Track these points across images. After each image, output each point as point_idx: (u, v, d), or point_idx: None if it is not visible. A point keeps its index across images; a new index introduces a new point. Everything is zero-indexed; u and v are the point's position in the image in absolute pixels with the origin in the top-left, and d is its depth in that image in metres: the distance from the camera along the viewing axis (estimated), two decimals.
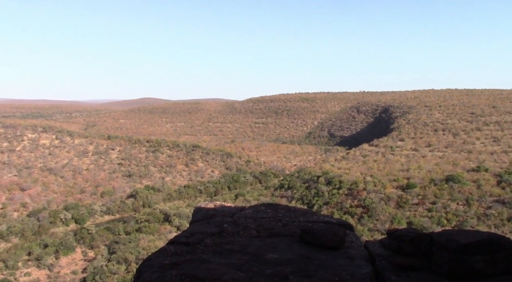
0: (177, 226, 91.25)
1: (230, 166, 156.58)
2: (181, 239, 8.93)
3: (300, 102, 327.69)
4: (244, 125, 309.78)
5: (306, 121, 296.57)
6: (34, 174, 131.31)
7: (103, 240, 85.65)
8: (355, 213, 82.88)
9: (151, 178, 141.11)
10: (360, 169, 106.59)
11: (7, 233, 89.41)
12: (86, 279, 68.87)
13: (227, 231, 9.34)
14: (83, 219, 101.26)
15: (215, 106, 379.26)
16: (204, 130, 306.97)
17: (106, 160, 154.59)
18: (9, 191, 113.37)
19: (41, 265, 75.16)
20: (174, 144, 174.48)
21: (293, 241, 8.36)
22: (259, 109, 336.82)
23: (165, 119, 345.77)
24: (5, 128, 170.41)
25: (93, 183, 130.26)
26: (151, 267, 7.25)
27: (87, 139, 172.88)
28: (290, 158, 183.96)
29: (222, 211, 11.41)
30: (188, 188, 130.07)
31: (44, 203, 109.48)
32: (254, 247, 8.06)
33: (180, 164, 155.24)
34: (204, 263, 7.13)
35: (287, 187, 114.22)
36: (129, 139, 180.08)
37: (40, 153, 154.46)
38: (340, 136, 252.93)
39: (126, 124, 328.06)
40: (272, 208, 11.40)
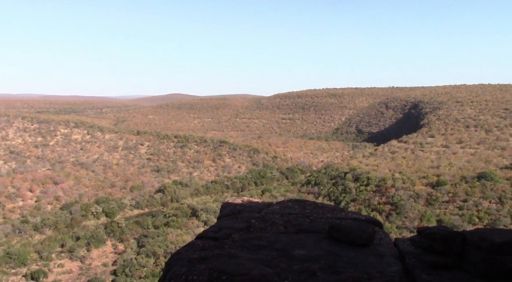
0: (204, 221, 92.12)
1: (257, 161, 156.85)
2: (209, 233, 9.00)
3: (328, 98, 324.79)
4: (271, 121, 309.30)
5: (333, 117, 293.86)
6: (66, 168, 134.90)
7: (133, 233, 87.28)
8: (383, 210, 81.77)
9: (179, 173, 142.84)
10: (389, 165, 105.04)
11: (42, 225, 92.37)
12: (116, 272, 70.39)
13: (255, 227, 9.36)
14: (113, 213, 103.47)
15: (242, 102, 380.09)
16: (231, 126, 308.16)
17: (136, 155, 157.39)
18: (43, 184, 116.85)
19: (73, 257, 77.24)
20: (202, 140, 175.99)
21: (321, 238, 8.31)
22: (286, 105, 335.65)
23: (192, 115, 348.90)
24: (40, 123, 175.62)
25: (123, 177, 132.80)
26: (180, 260, 7.34)
27: (117, 135, 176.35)
28: (317, 154, 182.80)
29: (250, 207, 11.44)
30: (215, 183, 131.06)
31: (76, 197, 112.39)
32: (281, 243, 8.06)
33: (207, 159, 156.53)
34: (232, 258, 7.17)
35: (314, 183, 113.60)
36: (157, 134, 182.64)
37: (72, 147, 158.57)
38: (368, 133, 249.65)
39: (154, 120, 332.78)
40: (300, 204, 11.36)
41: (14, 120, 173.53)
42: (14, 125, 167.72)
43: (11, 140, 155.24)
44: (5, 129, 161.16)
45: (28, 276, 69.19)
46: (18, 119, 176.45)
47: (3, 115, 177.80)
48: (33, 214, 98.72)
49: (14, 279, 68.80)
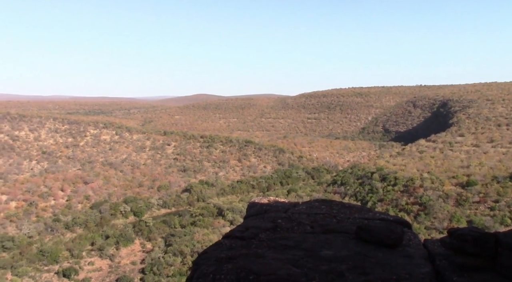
0: (230, 220, 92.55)
1: (282, 161, 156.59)
2: (236, 233, 9.04)
3: (354, 97, 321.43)
4: (296, 121, 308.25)
5: (359, 117, 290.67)
6: (96, 168, 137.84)
7: (160, 232, 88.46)
8: (411, 210, 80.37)
9: (205, 172, 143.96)
10: (417, 165, 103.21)
11: (72, 224, 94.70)
12: (144, 270, 71.51)
13: (281, 227, 9.35)
14: (141, 212, 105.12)
15: (268, 102, 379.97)
16: (256, 126, 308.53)
17: (162, 155, 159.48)
18: (73, 184, 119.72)
19: (103, 255, 78.88)
20: (227, 139, 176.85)
21: (349, 238, 8.24)
22: (311, 105, 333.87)
23: (218, 115, 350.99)
24: (70, 124, 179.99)
25: (150, 177, 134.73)
26: (208, 260, 7.39)
27: (145, 135, 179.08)
28: (343, 154, 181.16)
29: (276, 206, 11.43)
30: (241, 183, 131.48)
31: (105, 196, 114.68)
32: (308, 243, 8.03)
33: (233, 159, 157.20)
34: (259, 257, 7.19)
35: (340, 183, 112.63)
36: (184, 135, 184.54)
37: (102, 148, 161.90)
38: (395, 132, 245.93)
39: (181, 120, 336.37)
40: (326, 204, 11.28)
41: (46, 121, 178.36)
42: (46, 126, 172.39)
43: (43, 141, 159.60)
44: (37, 130, 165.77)
45: (60, 273, 71.05)
46: (50, 120, 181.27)
47: (36, 116, 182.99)
48: (65, 213, 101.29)
49: (47, 276, 70.78)
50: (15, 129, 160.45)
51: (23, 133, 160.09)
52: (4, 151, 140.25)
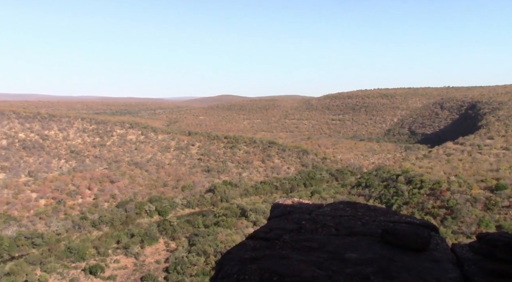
0: (253, 221, 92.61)
1: (306, 162, 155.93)
2: (260, 234, 9.04)
3: (379, 99, 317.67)
4: (320, 122, 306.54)
5: (385, 118, 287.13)
6: (122, 167, 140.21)
7: (184, 232, 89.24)
8: (438, 214, 78.77)
9: (228, 173, 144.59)
10: (444, 168, 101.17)
11: (99, 222, 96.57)
12: (168, 269, 72.25)
13: (306, 228, 9.31)
14: (166, 211, 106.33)
15: (292, 103, 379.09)
16: (280, 127, 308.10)
17: (187, 155, 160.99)
18: (100, 182, 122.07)
19: (128, 253, 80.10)
20: (251, 140, 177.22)
21: (374, 241, 8.14)
22: (336, 106, 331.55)
23: (242, 116, 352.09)
24: (97, 124, 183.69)
25: (175, 177, 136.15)
26: (232, 260, 7.42)
27: (170, 135, 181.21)
28: (368, 156, 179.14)
29: (300, 208, 11.39)
30: (264, 184, 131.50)
31: (130, 195, 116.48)
32: (333, 245, 7.97)
33: (256, 160, 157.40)
34: (283, 259, 7.18)
35: (365, 185, 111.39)
36: (208, 135, 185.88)
37: (128, 147, 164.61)
38: (422, 134, 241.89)
39: (205, 121, 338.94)
40: (351, 206, 11.18)
41: (74, 121, 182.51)
42: (74, 126, 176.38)
43: (72, 140, 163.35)
44: (66, 130, 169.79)
45: (86, 271, 72.49)
46: (78, 120, 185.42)
47: (65, 116, 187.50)
48: (91, 211, 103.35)
49: (74, 272, 72.33)
50: (45, 129, 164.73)
51: (53, 133, 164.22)
52: (34, 150, 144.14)
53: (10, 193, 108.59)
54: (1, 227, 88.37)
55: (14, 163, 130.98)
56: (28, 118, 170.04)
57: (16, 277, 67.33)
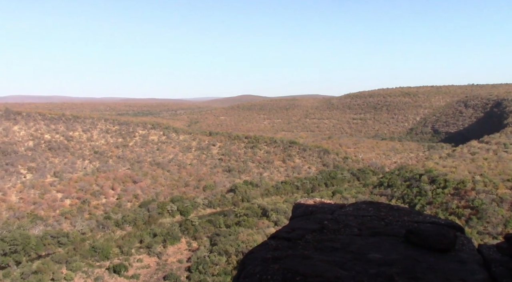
0: (274, 221, 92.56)
1: (327, 162, 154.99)
2: (282, 234, 9.03)
3: (401, 97, 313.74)
4: (341, 121, 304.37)
5: (407, 117, 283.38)
6: (144, 168, 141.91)
7: (205, 231, 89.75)
8: (462, 214, 77.29)
9: (249, 173, 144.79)
10: (468, 167, 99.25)
11: (122, 222, 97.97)
12: (190, 268, 72.79)
13: (328, 228, 9.26)
14: (187, 211, 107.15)
15: (312, 103, 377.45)
16: (301, 126, 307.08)
17: (208, 155, 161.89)
18: (123, 183, 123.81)
19: (151, 253, 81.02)
20: (272, 140, 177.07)
21: (398, 241, 8.04)
22: (357, 105, 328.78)
23: (263, 115, 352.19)
24: (120, 125, 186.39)
25: (196, 177, 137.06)
26: (254, 260, 7.42)
27: (191, 136, 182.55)
28: (390, 155, 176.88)
29: (322, 208, 11.33)
30: (285, 183, 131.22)
31: (153, 195, 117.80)
32: (356, 245, 7.90)
33: (277, 160, 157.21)
34: (306, 259, 7.15)
35: (387, 185, 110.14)
36: (229, 135, 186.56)
37: (149, 148, 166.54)
38: (445, 133, 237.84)
39: (226, 121, 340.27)
40: (374, 206, 11.06)
41: (98, 122, 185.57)
42: (98, 127, 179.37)
43: (95, 141, 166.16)
44: (90, 131, 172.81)
45: (110, 269, 73.62)
46: (101, 121, 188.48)
47: (88, 117, 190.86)
48: (115, 211, 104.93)
49: (99, 271, 73.56)
50: (69, 130, 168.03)
51: (77, 134, 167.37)
52: (59, 151, 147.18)
53: (37, 193, 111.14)
54: (29, 226, 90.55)
55: (40, 163, 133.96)
56: (53, 119, 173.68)
57: (43, 275, 68.89)
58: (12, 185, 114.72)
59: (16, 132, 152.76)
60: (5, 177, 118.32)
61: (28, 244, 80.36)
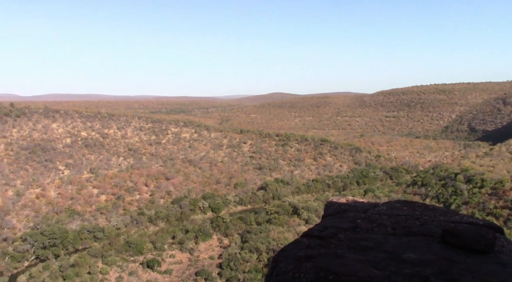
0: (305, 219, 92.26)
1: (359, 160, 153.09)
2: (314, 232, 8.99)
3: (436, 94, 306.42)
4: (373, 119, 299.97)
5: (442, 115, 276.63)
6: (176, 165, 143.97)
7: (237, 229, 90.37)
8: (500, 214, 74.89)
9: (280, 171, 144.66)
10: (507, 166, 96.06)
11: (155, 218, 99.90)
12: (222, 265, 73.50)
13: (361, 227, 9.16)
14: (219, 208, 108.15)
15: (344, 100, 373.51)
16: (332, 124, 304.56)
17: (239, 152, 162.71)
18: (156, 179, 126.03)
19: (183, 249, 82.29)
20: (303, 138, 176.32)
21: (433, 242, 7.87)
22: (390, 103, 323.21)
23: (293, 113, 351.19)
24: (153, 123, 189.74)
25: (227, 174, 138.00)
26: (286, 258, 7.42)
27: (222, 133, 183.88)
28: (424, 153, 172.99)
29: (355, 206, 11.21)
30: (316, 182, 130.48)
31: (185, 192, 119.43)
32: (390, 245, 7.78)
33: (308, 158, 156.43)
34: (339, 257, 7.10)
35: (421, 184, 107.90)
36: (259, 133, 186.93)
37: (182, 145, 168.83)
38: (482, 131, 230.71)
39: (257, 119, 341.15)
40: (409, 206, 10.86)
41: (132, 120, 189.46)
42: (132, 125, 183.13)
43: (129, 138, 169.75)
44: (124, 128, 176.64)
45: (144, 264, 75.28)
46: (135, 119, 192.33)
47: (123, 115, 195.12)
48: (148, 207, 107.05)
49: (133, 266, 75.32)
50: (104, 128, 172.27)
51: (112, 131, 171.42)
52: (95, 148, 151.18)
53: (74, 189, 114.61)
54: (66, 221, 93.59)
55: (77, 160, 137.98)
56: (90, 117, 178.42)
57: (80, 268, 71.12)
58: (51, 181, 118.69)
59: (55, 130, 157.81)
60: (45, 173, 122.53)
61: (66, 238, 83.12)
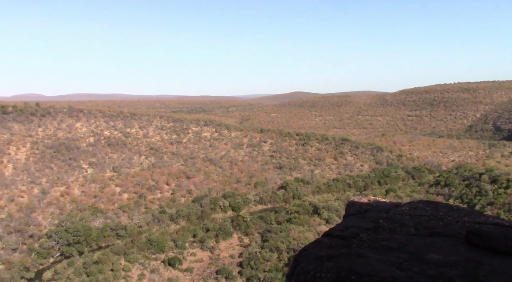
0: (326, 219, 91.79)
1: (380, 160, 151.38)
2: (336, 232, 8.96)
3: (460, 93, 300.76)
4: (395, 118, 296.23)
5: (466, 114, 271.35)
6: (197, 164, 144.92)
7: (257, 228, 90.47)
8: None
9: (300, 170, 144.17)
10: None
11: (176, 216, 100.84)
12: (242, 264, 73.74)
13: (383, 227, 9.09)
14: (239, 207, 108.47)
15: (365, 99, 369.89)
16: (353, 123, 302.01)
17: (259, 152, 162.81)
18: (177, 178, 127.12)
19: (204, 247, 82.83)
20: (323, 137, 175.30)
21: (457, 242, 7.76)
22: (412, 101, 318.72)
23: (314, 112, 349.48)
24: (174, 122, 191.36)
25: (248, 173, 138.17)
26: (308, 257, 7.42)
27: (242, 133, 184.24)
28: (448, 153, 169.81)
29: (377, 206, 11.13)
30: (336, 181, 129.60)
31: (205, 191, 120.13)
32: (413, 245, 7.71)
33: (329, 157, 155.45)
34: (361, 258, 7.07)
35: (444, 184, 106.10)
36: (280, 132, 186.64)
37: (202, 144, 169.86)
38: (508, 130, 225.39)
39: (277, 118, 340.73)
40: (432, 206, 10.72)
41: (153, 119, 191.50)
42: (153, 124, 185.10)
43: (151, 137, 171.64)
44: (146, 128, 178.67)
45: (165, 262, 76.09)
46: (157, 118, 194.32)
47: (145, 115, 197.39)
48: (169, 206, 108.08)
49: (154, 264, 76.22)
50: (127, 127, 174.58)
51: (134, 131, 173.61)
52: (118, 147, 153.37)
53: (97, 187, 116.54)
54: (90, 219, 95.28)
55: (100, 158, 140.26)
56: (112, 117, 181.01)
57: (103, 265, 72.34)
58: (75, 179, 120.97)
59: (78, 129, 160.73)
60: (69, 171, 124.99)
61: (90, 235, 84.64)
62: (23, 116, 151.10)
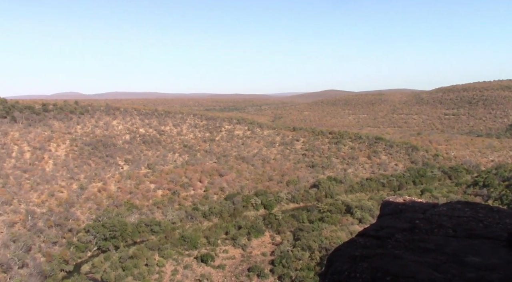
0: (359, 218, 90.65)
1: (415, 159, 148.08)
2: (370, 232, 8.84)
3: (500, 91, 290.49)
4: (431, 117, 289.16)
5: (507, 112, 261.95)
6: (230, 162, 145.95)
7: (289, 226, 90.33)
8: None
9: (333, 169, 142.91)
10: None
11: (209, 213, 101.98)
12: (274, 262, 73.81)
13: (419, 228, 8.90)
14: (271, 205, 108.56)
15: (400, 97, 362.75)
16: (387, 122, 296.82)
17: (291, 150, 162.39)
18: (210, 176, 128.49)
19: (236, 244, 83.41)
20: (357, 136, 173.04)
21: (499, 245, 7.51)
22: (449, 100, 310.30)
23: (347, 111, 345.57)
24: (207, 120, 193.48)
25: (280, 171, 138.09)
26: (342, 257, 7.35)
27: (275, 131, 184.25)
28: (487, 153, 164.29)
29: (413, 207, 10.90)
30: (370, 180, 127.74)
31: (238, 188, 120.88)
32: (451, 247, 7.51)
33: (362, 156, 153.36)
34: (396, 258, 6.95)
35: (482, 185, 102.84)
36: (312, 131, 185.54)
37: (235, 142, 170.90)
38: None
39: (309, 116, 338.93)
40: (471, 207, 10.41)
41: (187, 117, 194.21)
42: (187, 122, 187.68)
43: (185, 135, 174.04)
44: (180, 126, 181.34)
45: (198, 258, 77.12)
46: (190, 116, 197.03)
47: (179, 113, 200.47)
48: (202, 203, 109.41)
49: (187, 260, 77.36)
50: (161, 125, 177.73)
51: (168, 128, 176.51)
52: (152, 144, 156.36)
53: (133, 183, 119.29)
54: (126, 214, 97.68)
55: (135, 156, 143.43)
56: (147, 115, 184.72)
57: (138, 260, 74.07)
58: (112, 175, 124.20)
59: (115, 127, 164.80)
60: (106, 168, 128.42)
61: (125, 230, 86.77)
62: (63, 114, 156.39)
